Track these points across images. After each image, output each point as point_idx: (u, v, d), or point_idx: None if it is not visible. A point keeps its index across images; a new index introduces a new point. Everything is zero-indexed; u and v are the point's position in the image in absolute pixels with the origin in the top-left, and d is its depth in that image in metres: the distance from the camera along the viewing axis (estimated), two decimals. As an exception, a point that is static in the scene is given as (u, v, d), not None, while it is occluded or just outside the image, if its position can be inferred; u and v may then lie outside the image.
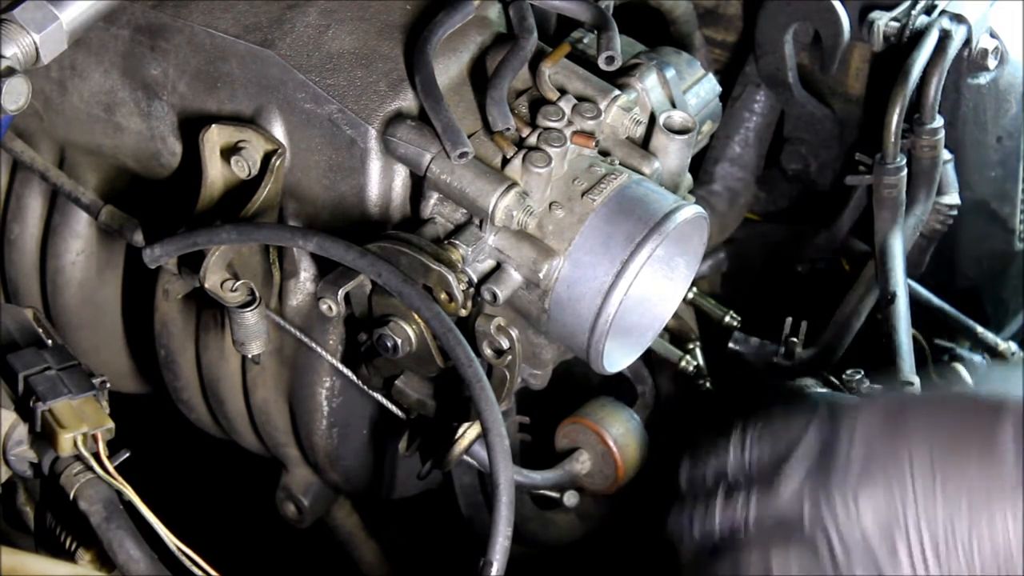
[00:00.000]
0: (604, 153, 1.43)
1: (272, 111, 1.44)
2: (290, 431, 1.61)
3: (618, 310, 1.34)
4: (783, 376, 1.72)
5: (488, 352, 1.37)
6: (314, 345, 1.48)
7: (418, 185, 1.42)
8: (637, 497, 1.69)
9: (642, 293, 1.46)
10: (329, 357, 1.48)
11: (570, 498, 1.66)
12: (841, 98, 1.80)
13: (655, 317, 1.49)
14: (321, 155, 1.43)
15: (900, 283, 1.61)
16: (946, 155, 1.70)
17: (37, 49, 1.35)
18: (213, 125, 1.42)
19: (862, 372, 1.59)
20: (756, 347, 1.71)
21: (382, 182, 1.42)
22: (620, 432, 1.67)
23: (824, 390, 1.69)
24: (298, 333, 1.48)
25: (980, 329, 1.96)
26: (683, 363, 1.75)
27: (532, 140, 1.38)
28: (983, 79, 1.73)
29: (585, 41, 1.52)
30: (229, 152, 1.43)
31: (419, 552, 1.90)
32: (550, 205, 1.37)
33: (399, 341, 1.37)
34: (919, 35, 1.67)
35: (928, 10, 1.70)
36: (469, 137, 1.35)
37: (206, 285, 1.38)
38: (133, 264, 1.68)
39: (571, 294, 1.36)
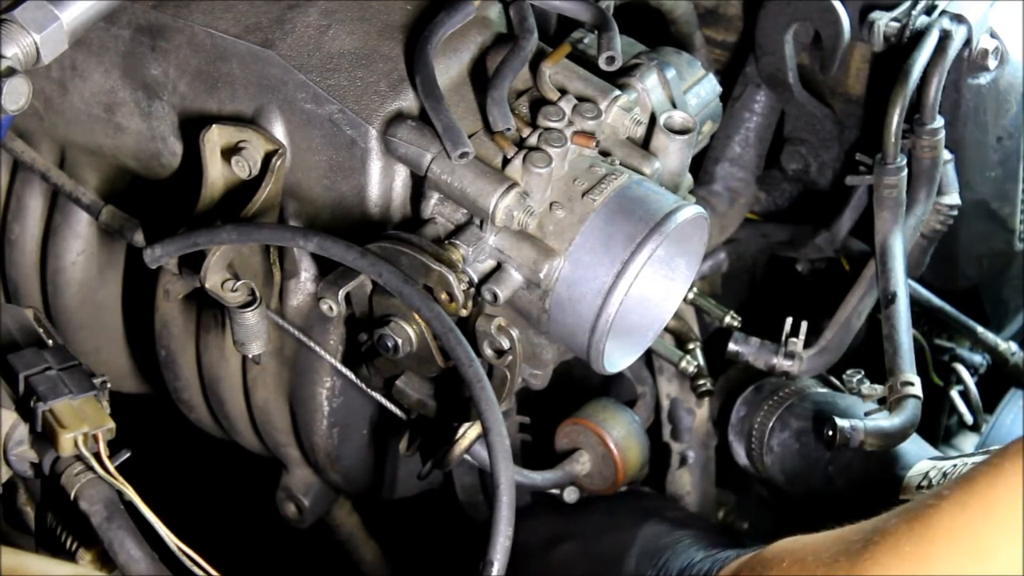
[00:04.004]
0: (604, 153, 1.43)
1: (272, 111, 1.44)
2: (290, 431, 1.61)
3: (618, 310, 1.34)
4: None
5: (488, 352, 1.37)
6: (314, 345, 1.48)
7: (418, 185, 1.42)
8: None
9: (642, 293, 1.46)
10: (329, 357, 1.48)
11: (570, 494, 1.66)
12: (841, 98, 1.79)
13: (655, 317, 1.49)
14: (321, 155, 1.43)
15: (900, 283, 1.61)
16: (946, 155, 1.70)
17: (38, 49, 1.35)
18: (214, 125, 1.42)
19: (862, 372, 1.60)
20: (756, 347, 1.71)
21: (382, 182, 1.42)
22: (621, 434, 1.67)
23: (824, 390, 1.69)
24: (298, 333, 1.48)
25: (980, 329, 1.96)
26: (683, 363, 1.75)
27: (532, 140, 1.38)
28: (983, 79, 1.72)
29: (585, 41, 1.52)
30: (230, 152, 1.43)
31: (419, 552, 1.90)
32: (551, 205, 1.37)
33: (400, 341, 1.37)
34: (919, 35, 1.66)
35: (928, 10, 1.69)
36: (469, 137, 1.35)
37: (207, 285, 1.38)
38: (133, 264, 1.68)
39: (571, 294, 1.36)
